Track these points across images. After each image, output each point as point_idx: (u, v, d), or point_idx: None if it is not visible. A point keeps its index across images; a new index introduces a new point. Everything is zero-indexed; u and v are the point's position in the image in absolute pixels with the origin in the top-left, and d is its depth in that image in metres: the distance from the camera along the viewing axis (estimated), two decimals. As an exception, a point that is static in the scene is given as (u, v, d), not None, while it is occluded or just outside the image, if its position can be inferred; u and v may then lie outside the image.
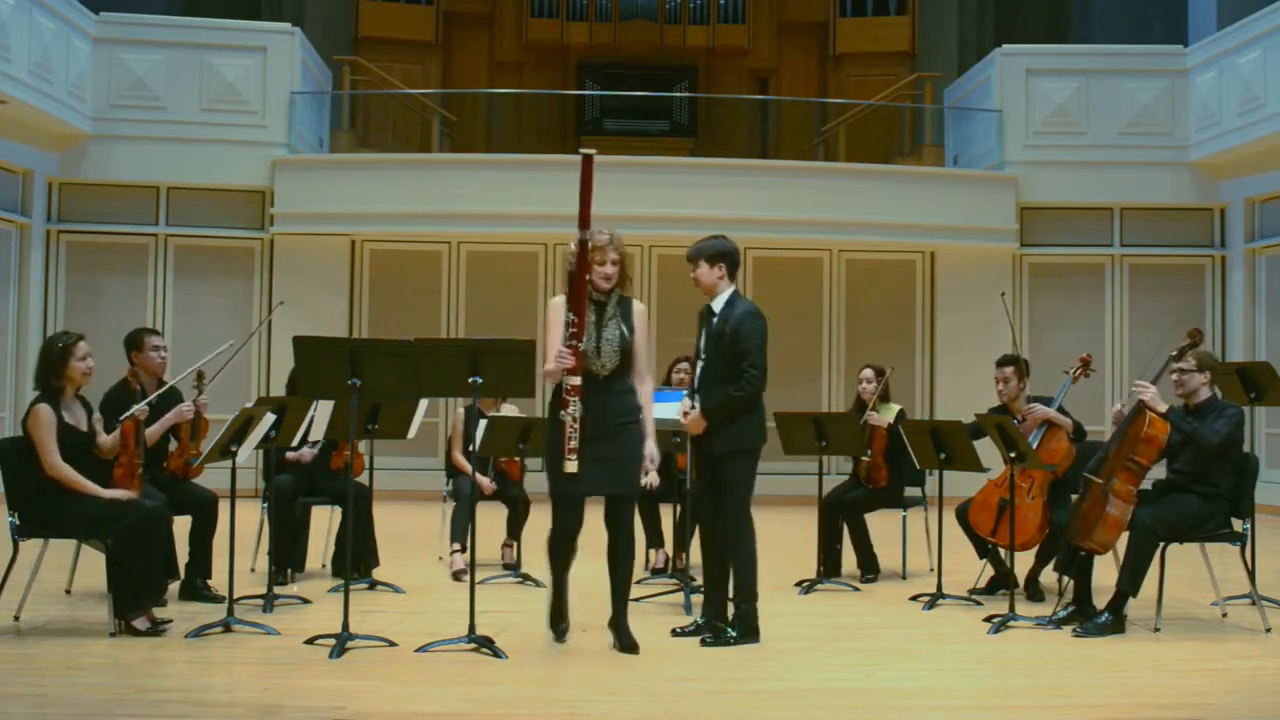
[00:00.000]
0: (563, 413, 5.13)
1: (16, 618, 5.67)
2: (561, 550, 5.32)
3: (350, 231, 12.85)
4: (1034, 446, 6.33)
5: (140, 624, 5.37)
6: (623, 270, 5.28)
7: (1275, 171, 12.20)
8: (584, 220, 5.11)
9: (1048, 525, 6.44)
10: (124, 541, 5.36)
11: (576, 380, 5.12)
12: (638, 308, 5.37)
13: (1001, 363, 6.94)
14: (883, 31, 16.40)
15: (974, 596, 6.60)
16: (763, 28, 16.81)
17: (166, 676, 4.80)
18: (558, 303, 5.25)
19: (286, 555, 6.82)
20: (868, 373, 7.58)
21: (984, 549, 6.84)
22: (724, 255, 5.56)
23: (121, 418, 5.76)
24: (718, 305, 5.54)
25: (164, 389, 6.24)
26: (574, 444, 5.11)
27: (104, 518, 5.41)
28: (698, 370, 5.61)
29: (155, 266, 12.65)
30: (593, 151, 5.17)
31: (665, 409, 5.82)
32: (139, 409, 5.83)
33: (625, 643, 5.23)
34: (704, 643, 5.38)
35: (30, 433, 5.45)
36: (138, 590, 5.39)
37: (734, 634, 5.42)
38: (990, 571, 6.88)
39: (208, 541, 6.30)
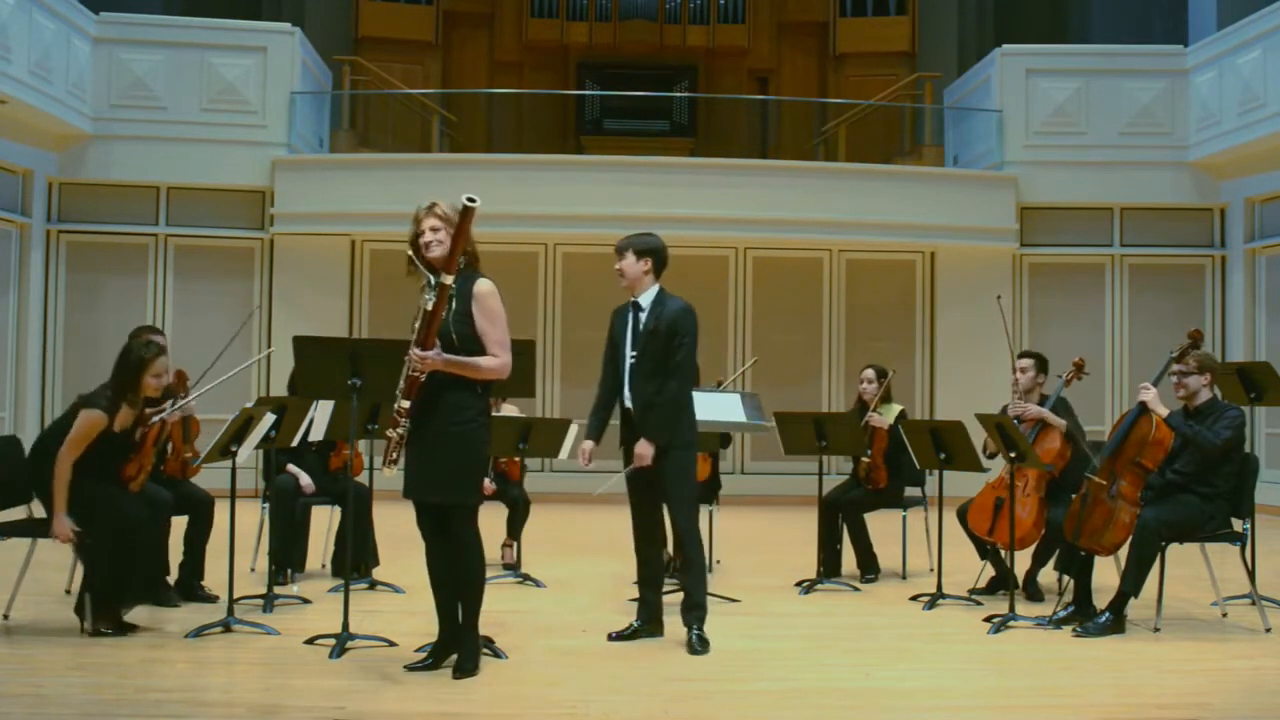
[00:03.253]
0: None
1: (5, 616, 5.69)
2: (427, 564, 5.01)
3: (350, 231, 12.84)
4: (1029, 445, 6.34)
5: (99, 625, 5.32)
6: (455, 240, 4.76)
7: (1275, 171, 12.20)
8: (450, 265, 4.77)
9: (1044, 523, 6.44)
10: (99, 542, 5.35)
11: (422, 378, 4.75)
12: (478, 288, 4.86)
13: (1023, 355, 6.98)
14: (883, 31, 16.39)
15: (974, 596, 6.61)
16: (763, 28, 16.79)
17: (166, 676, 4.80)
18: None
19: (286, 555, 6.82)
20: (869, 373, 7.58)
21: (984, 549, 6.84)
22: (653, 251, 5.53)
23: (149, 422, 5.75)
24: (646, 300, 5.50)
25: (177, 402, 6.22)
26: (397, 435, 4.72)
27: (86, 516, 5.38)
28: (626, 366, 5.47)
29: (155, 266, 12.64)
30: (476, 203, 4.75)
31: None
32: (169, 414, 5.84)
33: (457, 665, 4.79)
34: (693, 651, 5.28)
35: (75, 424, 5.41)
36: (104, 592, 5.35)
37: (706, 638, 5.34)
38: (990, 571, 6.88)
39: (203, 542, 6.30)
